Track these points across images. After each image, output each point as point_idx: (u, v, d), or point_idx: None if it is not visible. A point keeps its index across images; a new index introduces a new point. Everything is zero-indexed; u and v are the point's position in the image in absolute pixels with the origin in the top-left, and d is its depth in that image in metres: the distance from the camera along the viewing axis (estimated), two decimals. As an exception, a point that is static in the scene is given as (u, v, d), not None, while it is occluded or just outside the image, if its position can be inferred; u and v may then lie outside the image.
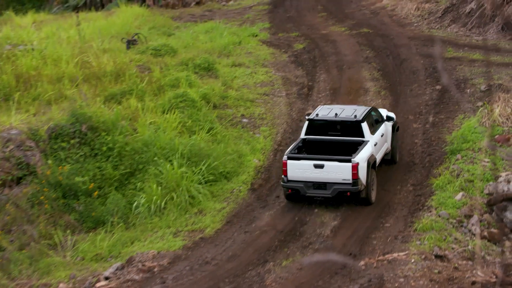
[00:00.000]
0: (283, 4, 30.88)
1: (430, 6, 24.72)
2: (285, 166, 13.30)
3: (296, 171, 13.21)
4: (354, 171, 12.94)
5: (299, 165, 13.21)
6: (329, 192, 13.12)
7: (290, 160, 13.27)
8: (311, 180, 13.19)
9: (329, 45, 22.19)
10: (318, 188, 13.19)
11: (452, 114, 16.34)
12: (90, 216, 13.39)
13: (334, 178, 13.09)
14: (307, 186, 13.18)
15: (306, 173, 13.17)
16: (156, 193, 13.49)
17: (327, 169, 13.09)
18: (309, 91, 18.78)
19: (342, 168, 13.02)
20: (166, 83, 17.63)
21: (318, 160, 13.17)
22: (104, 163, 14.14)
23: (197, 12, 31.35)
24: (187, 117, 15.93)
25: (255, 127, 16.78)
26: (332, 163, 13.11)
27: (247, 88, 18.88)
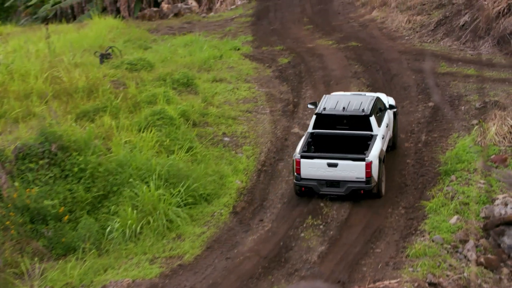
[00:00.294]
0: (267, 16, 31.22)
1: (422, 18, 25.12)
2: (298, 164, 14.24)
3: (309, 170, 14.19)
4: (368, 170, 13.94)
5: (312, 164, 14.21)
6: (343, 190, 14.14)
7: (303, 159, 14.24)
8: (324, 178, 14.18)
9: (315, 59, 22.46)
10: (331, 186, 14.18)
11: (446, 133, 16.51)
12: (60, 242, 13.32)
13: (348, 176, 14.08)
14: (320, 184, 14.17)
15: (319, 172, 14.16)
16: (131, 217, 13.47)
17: (340, 168, 14.07)
18: (295, 108, 18.94)
19: (356, 167, 14.01)
20: (143, 100, 17.68)
21: (332, 159, 14.17)
22: (75, 185, 14.11)
23: (175, 24, 31.57)
24: (164, 135, 15.97)
25: (238, 146, 16.87)
26: (346, 162, 14.09)
27: (229, 104, 19.00)
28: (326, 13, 30.04)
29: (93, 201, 14.03)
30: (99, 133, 15.58)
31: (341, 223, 13.52)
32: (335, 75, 20.85)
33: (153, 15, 36.37)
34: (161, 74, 19.95)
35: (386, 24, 25.93)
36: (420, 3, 26.68)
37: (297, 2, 33.40)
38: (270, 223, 13.73)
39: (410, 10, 26.35)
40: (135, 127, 16.21)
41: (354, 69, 21.09)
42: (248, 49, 24.81)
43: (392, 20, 25.90)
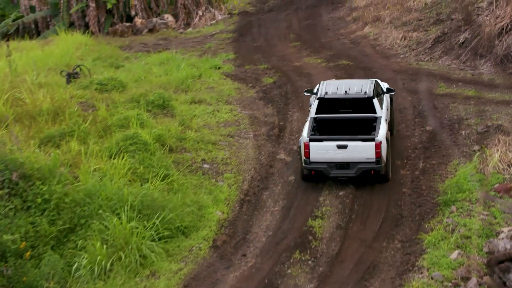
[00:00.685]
0: (250, 32, 31.50)
1: (419, 35, 25.45)
2: (307, 148, 15.56)
3: (319, 153, 15.55)
4: (378, 150, 15.32)
5: (321, 147, 15.53)
6: (353, 171, 15.52)
7: (312, 142, 15.54)
8: (334, 161, 15.54)
9: (303, 79, 22.66)
10: (341, 168, 15.57)
11: (445, 159, 16.60)
12: (20, 281, 13.15)
13: (358, 157, 15.44)
14: (330, 167, 15.56)
15: (329, 154, 15.52)
16: (101, 252, 13.37)
17: (350, 149, 15.42)
18: (281, 132, 19.04)
19: (365, 148, 15.40)
20: (114, 123, 17.68)
21: (341, 141, 15.48)
22: (38, 217, 13.98)
23: (150, 40, 31.72)
24: (138, 162, 15.95)
25: (218, 173, 16.88)
26: (355, 143, 15.44)
27: (209, 128, 19.05)
28: (314, 29, 30.40)
29: (58, 235, 13.91)
30: (65, 160, 15.51)
31: (331, 258, 13.51)
32: (324, 96, 21.04)
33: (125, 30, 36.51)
34: (134, 95, 19.98)
35: (379, 41, 26.28)
36: (416, 18, 27.07)
37: (283, 17, 33.78)
38: (254, 258, 13.70)
39: (406, 26, 26.72)
40: (105, 153, 16.17)
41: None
42: (229, 68, 24.97)
43: (386, 37, 26.27)
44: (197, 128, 18.83)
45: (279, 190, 16.15)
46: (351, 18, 31.56)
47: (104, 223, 13.80)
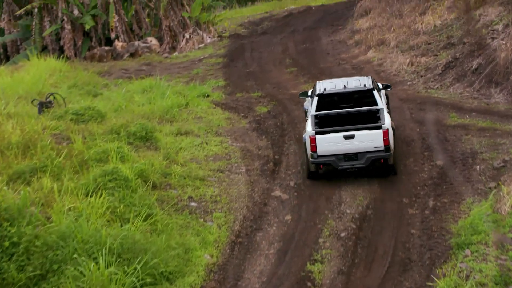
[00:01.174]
0: (242, 57, 31.75)
1: (427, 60, 25.69)
2: (313, 141, 17.07)
3: (326, 145, 17.09)
4: (386, 137, 16.98)
5: (328, 139, 17.09)
6: (362, 162, 17.14)
7: (318, 135, 17.06)
8: (342, 153, 17.15)
9: (300, 108, 22.80)
10: (350, 160, 17.14)
11: (458, 198, 16.59)
12: (-16, 334, 13.04)
13: (366, 147, 17.08)
14: (339, 159, 17.16)
15: (336, 146, 17.08)
16: (75, 302, 13.28)
17: (358, 139, 17.03)
18: (276, 166, 19.10)
19: (373, 136, 17.03)
20: (91, 157, 17.70)
21: (348, 131, 17.08)
22: (5, 263, 13.89)
23: (131, 66, 31.92)
24: (118, 200, 15.93)
25: (207, 212, 16.87)
26: (362, 132, 17.06)
27: (197, 162, 19.10)
28: (313, 53, 30.69)
29: (27, 282, 13.81)
30: (36, 199, 15.47)
31: (333, 307, 13.45)
32: (324, 127, 21.16)
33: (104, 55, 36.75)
34: (114, 126, 20.04)
35: (384, 66, 26.54)
36: (425, 42, 27.38)
37: (278, 40, 34.09)
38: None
39: (413, 50, 27.00)
40: (81, 191, 16.15)
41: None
42: (219, 95, 25.13)
43: (391, 62, 26.53)
44: (184, 163, 18.87)
45: (274, 231, 16.14)
46: (353, 41, 31.92)
47: (79, 268, 13.71)
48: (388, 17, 33.96)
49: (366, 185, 17.40)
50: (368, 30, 32.53)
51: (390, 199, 16.59)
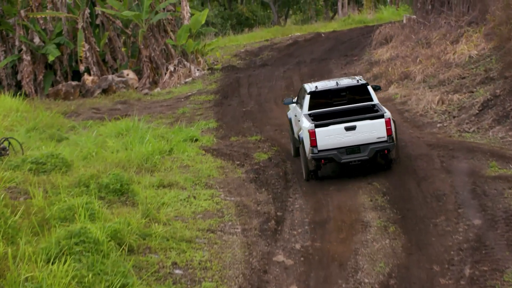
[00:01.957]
0: (237, 93, 31.95)
1: (461, 98, 25.80)
2: (313, 135, 19.45)
3: (326, 139, 19.58)
4: (388, 127, 19.63)
5: (328, 131, 19.58)
6: (366, 154, 19.75)
7: (318, 128, 19.49)
8: (343, 145, 19.69)
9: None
10: (352, 153, 19.75)
11: (501, 265, 16.40)
12: None
13: (368, 138, 19.67)
14: (340, 153, 19.68)
15: (337, 139, 19.59)
16: None
17: (359, 130, 19.58)
18: (278, 225, 19.06)
19: (375, 126, 19.62)
20: (54, 216, 17.64)
21: (349, 122, 19.56)
22: None
23: (104, 104, 32.11)
24: (86, 268, 15.84)
25: (194, 282, 16.79)
26: (364, 122, 19.57)
27: (182, 221, 19.07)
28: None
29: None
30: (-13, 266, 15.40)
31: None
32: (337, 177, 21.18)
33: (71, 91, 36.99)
34: (82, 178, 20.05)
35: (409, 105, 26.68)
36: (458, 76, 27.56)
37: (281, 74, 34.35)
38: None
39: (444, 85, 27.19)
40: (41, 257, 16.04)
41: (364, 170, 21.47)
42: (210, 140, 25.23)
43: (417, 100, 26.68)
44: (167, 221, 18.83)
45: (276, 304, 16.06)
46: (371, 75, 32.17)
47: None
48: (413, 46, 34.32)
49: (388, 248, 17.34)
50: (389, 62, 32.82)
51: (417, 266, 16.50)
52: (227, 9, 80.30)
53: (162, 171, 22.04)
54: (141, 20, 42.46)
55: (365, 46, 41.15)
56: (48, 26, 41.55)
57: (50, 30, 41.64)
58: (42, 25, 41.58)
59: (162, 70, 41.17)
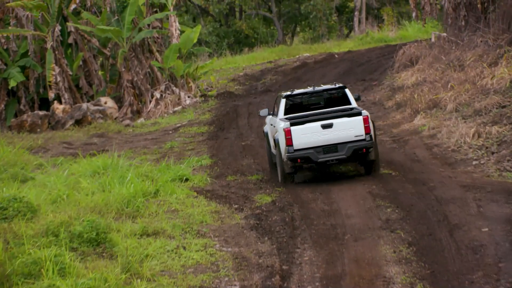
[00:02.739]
0: (235, 124, 31.98)
1: (501, 130, 25.74)
2: (289, 134, 22.47)
3: (302, 137, 22.64)
4: (366, 124, 22.52)
5: (304, 130, 22.63)
6: (343, 153, 22.70)
7: (293, 126, 22.54)
8: (320, 144, 22.71)
9: (318, 196, 22.86)
10: (330, 152, 22.73)
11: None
12: None
13: (346, 136, 22.66)
14: (317, 152, 22.66)
15: (314, 137, 22.64)
16: None
17: (336, 128, 22.58)
18: (284, 281, 19.00)
19: (353, 123, 22.58)
20: (16, 271, 17.58)
21: (326, 120, 22.59)
22: None
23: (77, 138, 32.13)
24: (55, 333, 15.78)
25: None
26: (341, 120, 22.59)
27: (170, 276, 19.02)
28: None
29: None
30: None
31: None
32: (352, 225, 21.11)
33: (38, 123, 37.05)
34: (51, 225, 20.00)
35: (438, 138, 26.71)
36: (497, 104, 27.54)
37: (287, 101, 34.44)
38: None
39: (480, 116, 27.19)
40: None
41: (385, 214, 21.41)
42: (203, 179, 25.23)
43: (449, 133, 26.70)
44: (151, 276, 18.77)
45: None
46: (393, 103, 32.26)
47: None
48: (443, 68, 34.43)
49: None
50: (414, 87, 32.93)
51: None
52: (223, 26, 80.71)
53: (146, 216, 22.00)
54: (121, 39, 42.66)
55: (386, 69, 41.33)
56: (11, 45, 41.71)
57: (14, 50, 41.79)
58: (4, 44, 41.73)
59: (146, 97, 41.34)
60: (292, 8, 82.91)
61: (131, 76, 41.85)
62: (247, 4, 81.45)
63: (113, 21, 43.87)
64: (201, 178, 25.27)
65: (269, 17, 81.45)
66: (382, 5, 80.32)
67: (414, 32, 60.63)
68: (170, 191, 23.69)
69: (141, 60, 42.74)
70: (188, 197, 23.52)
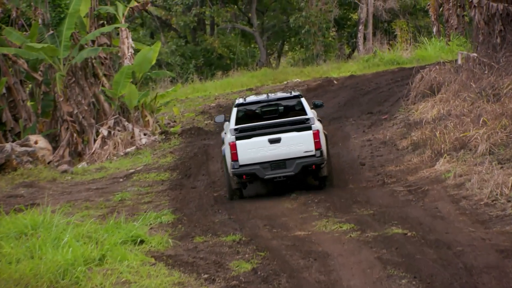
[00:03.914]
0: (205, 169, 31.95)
1: (546, 177, 25.91)
2: (234, 148, 26.22)
3: (249, 152, 26.54)
4: (317, 139, 26.59)
5: (251, 144, 26.59)
6: (291, 169, 26.84)
7: (239, 140, 26.33)
8: (267, 160, 26.72)
9: (313, 263, 22.84)
10: (277, 168, 26.66)
11: None
12: None
13: (295, 151, 26.76)
14: (264, 168, 26.58)
15: (260, 152, 26.60)
16: None
17: (285, 142, 26.69)
18: None
19: (302, 138, 26.74)
20: None
21: (273, 134, 26.58)
22: None
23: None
24: None
25: None
26: (290, 134, 26.71)
27: None
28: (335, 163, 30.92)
29: None
30: None
31: None
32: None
33: None
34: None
35: (467, 189, 26.76)
36: (539, 144, 27.73)
37: (272, 140, 34.53)
38: None
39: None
40: None
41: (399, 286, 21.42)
42: (163, 241, 25.14)
43: (480, 181, 26.74)
44: None
45: None
46: (408, 142, 32.34)
47: None
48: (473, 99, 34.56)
49: None
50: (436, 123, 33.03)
51: None
52: (190, 43, 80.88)
53: (89, 290, 21.89)
54: (57, 59, 42.59)
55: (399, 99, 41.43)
56: None
57: None
58: None
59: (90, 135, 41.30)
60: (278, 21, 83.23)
61: (70, 107, 41.80)
62: (221, 16, 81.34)
63: (47, 37, 43.67)
64: (160, 240, 25.17)
65: (249, 32, 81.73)
66: (394, 17, 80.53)
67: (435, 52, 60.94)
68: (120, 257, 23.56)
69: (83, 87, 42.75)
70: (144, 265, 23.41)
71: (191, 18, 77.99)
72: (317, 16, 74.33)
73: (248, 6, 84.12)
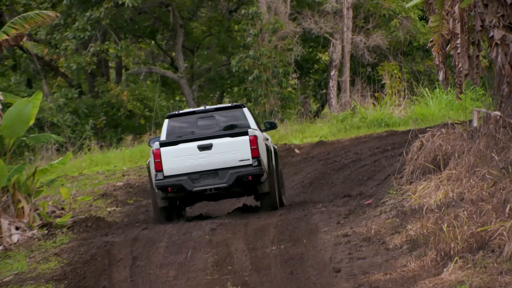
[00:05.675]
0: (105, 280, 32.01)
1: None
2: (158, 156, 30.56)
3: (175, 161, 30.86)
4: (254, 146, 31.00)
5: (177, 152, 31.00)
6: (224, 180, 30.84)
7: (164, 147, 30.43)
8: (197, 170, 30.94)
9: None
10: (208, 178, 30.56)
11: None
12: None
13: (228, 160, 31.45)
14: (193, 179, 30.34)
15: (189, 161, 30.88)
16: None
17: (216, 149, 31.26)
18: None
19: (237, 145, 31.32)
20: None
21: (204, 140, 30.89)
22: None
23: None
24: None
25: None
26: (222, 140, 31.31)
27: None
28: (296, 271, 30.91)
29: None
30: None
31: None
32: None
33: None
34: None
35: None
36: None
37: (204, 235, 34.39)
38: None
39: None
40: None
41: None
42: None
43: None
44: None
45: None
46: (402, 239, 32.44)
47: None
48: (495, 177, 34.65)
49: None
50: (442, 210, 33.09)
51: None
52: (86, 95, 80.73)
53: None
54: None
55: (388, 176, 41.68)
56: None
57: None
58: None
59: None
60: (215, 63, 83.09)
61: None
62: (132, 56, 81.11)
63: None
64: None
65: (173, 78, 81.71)
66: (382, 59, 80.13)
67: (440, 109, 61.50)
68: None
69: None
70: None
71: (87, 58, 77.41)
72: (271, 57, 73.76)
73: (171, 42, 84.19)
